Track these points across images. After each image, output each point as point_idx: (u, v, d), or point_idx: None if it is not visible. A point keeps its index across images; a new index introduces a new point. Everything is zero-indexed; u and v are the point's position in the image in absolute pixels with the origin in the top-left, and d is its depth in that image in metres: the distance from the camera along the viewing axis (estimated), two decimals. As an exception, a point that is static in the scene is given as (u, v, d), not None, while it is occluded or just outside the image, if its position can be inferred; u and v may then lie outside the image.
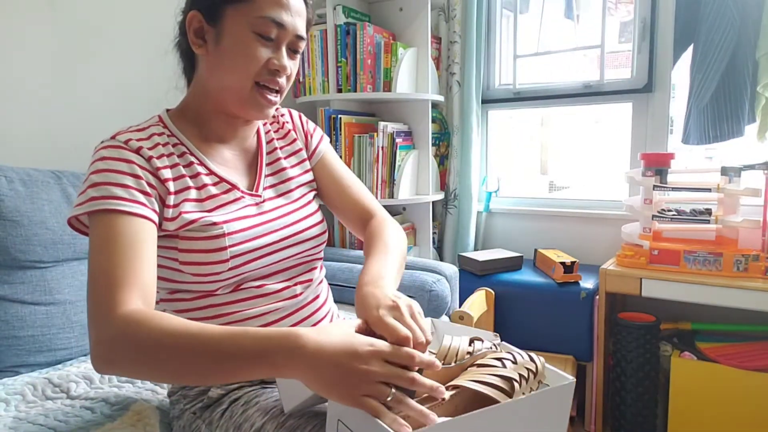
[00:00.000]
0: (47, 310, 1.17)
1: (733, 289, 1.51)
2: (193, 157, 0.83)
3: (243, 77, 0.80)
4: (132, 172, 0.74)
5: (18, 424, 0.90)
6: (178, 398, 0.88)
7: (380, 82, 2.00)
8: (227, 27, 0.79)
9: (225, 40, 0.79)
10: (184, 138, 0.84)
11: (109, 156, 0.75)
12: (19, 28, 1.34)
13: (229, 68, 0.80)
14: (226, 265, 0.78)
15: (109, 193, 0.71)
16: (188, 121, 0.86)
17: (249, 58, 0.79)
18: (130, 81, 1.59)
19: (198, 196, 0.80)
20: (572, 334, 1.80)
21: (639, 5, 1.95)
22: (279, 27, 0.79)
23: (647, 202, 1.71)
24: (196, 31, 0.81)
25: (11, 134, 1.35)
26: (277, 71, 0.81)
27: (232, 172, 0.87)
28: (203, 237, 0.77)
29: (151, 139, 0.80)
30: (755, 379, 1.54)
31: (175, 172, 0.79)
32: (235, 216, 0.82)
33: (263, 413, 0.77)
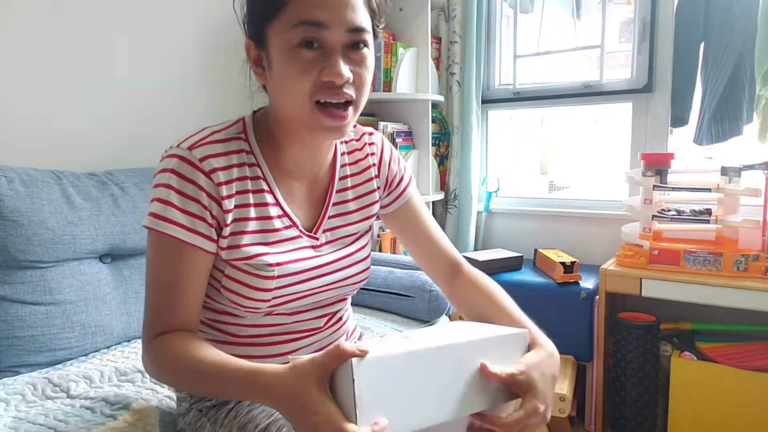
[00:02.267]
0: (47, 310, 1.17)
1: (733, 289, 1.51)
2: (265, 183, 0.78)
3: (299, 99, 0.70)
4: (199, 200, 0.71)
5: (18, 423, 0.90)
6: (185, 396, 0.88)
7: (380, 82, 2.00)
8: (272, 48, 0.71)
9: (274, 63, 0.71)
10: (262, 161, 0.78)
11: (181, 173, 0.70)
12: (20, 28, 1.35)
13: (285, 92, 0.71)
14: (266, 303, 0.76)
15: (171, 217, 0.70)
16: (267, 140, 0.79)
17: (297, 77, 0.69)
18: (130, 81, 1.59)
19: (258, 228, 0.76)
20: (572, 334, 1.79)
21: (639, 5, 1.95)
22: (320, 28, 0.68)
23: (647, 202, 1.70)
24: (255, 60, 0.75)
25: (11, 134, 1.35)
26: (332, 82, 0.69)
27: (297, 205, 0.81)
28: (252, 273, 0.75)
29: (228, 157, 0.74)
30: (755, 379, 1.54)
31: (239, 199, 0.74)
32: (289, 258, 0.78)
33: (267, 415, 0.77)
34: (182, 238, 0.70)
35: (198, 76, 1.76)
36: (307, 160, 0.81)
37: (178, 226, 0.70)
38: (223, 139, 0.75)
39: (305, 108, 0.70)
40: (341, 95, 0.70)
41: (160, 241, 0.72)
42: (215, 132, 0.75)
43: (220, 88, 1.82)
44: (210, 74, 1.79)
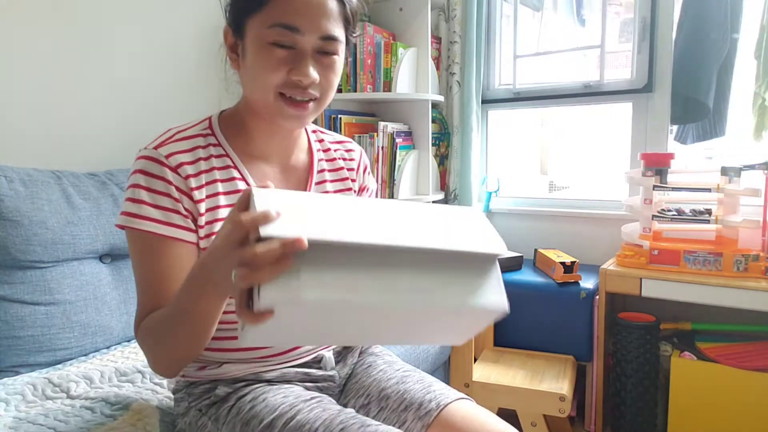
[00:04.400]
0: (47, 310, 1.17)
1: (733, 289, 1.51)
2: (236, 171, 0.81)
3: (264, 90, 0.75)
4: (169, 194, 0.74)
5: (18, 423, 0.90)
6: (183, 396, 0.88)
7: (380, 82, 2.00)
8: (248, 40, 0.75)
9: (248, 53, 0.75)
10: (230, 149, 0.81)
11: (149, 171, 0.74)
12: (20, 28, 1.34)
13: (254, 81, 0.76)
14: None
15: (145, 214, 0.73)
16: (236, 131, 0.83)
17: (268, 71, 0.73)
18: (131, 81, 1.59)
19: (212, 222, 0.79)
20: (572, 334, 1.80)
21: (639, 5, 1.95)
22: (295, 32, 0.72)
23: (647, 202, 1.70)
24: (231, 46, 0.79)
25: (11, 134, 1.35)
26: (299, 81, 0.74)
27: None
28: None
29: (194, 151, 0.78)
30: (755, 379, 1.54)
31: (210, 189, 0.78)
32: None
33: (271, 410, 0.77)
34: (159, 232, 0.73)
35: (198, 77, 1.76)
36: (274, 145, 0.85)
37: (153, 221, 0.73)
38: (188, 136, 0.79)
39: (269, 97, 0.75)
40: (306, 94, 0.76)
41: (139, 240, 0.74)
42: (181, 131, 0.80)
43: (219, 87, 1.82)
44: (210, 74, 1.79)
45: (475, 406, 0.83)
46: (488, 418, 0.80)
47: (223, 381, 0.84)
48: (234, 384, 0.84)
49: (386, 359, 0.98)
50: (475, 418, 0.79)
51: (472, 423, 0.78)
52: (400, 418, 0.83)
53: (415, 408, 0.82)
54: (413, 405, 0.83)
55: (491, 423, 0.78)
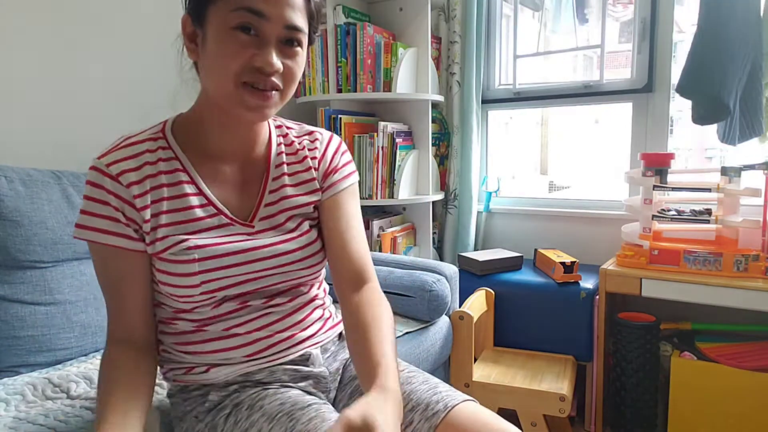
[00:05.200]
0: (47, 310, 1.17)
1: (733, 289, 1.51)
2: (185, 175, 0.80)
3: (225, 78, 0.72)
4: (108, 203, 0.75)
5: (18, 424, 0.90)
6: (177, 401, 0.87)
7: (380, 82, 2.00)
8: (210, 26, 0.73)
9: (208, 41, 0.73)
10: (180, 152, 0.80)
11: (93, 182, 0.76)
12: (20, 28, 1.34)
13: (214, 70, 0.74)
14: (197, 290, 0.78)
15: (90, 224, 0.75)
16: (191, 131, 0.82)
17: (229, 57, 0.71)
18: (131, 81, 1.59)
19: (179, 219, 0.78)
20: (572, 334, 1.80)
21: (639, 5, 1.95)
22: (259, 17, 0.71)
23: (647, 202, 1.71)
24: (190, 35, 0.77)
25: (11, 134, 1.35)
26: (261, 68, 0.72)
27: (227, 191, 0.83)
28: (174, 260, 0.77)
29: (140, 157, 0.77)
30: (755, 379, 1.54)
31: (154, 195, 0.77)
32: (212, 242, 0.79)
33: (269, 419, 0.76)
34: (102, 241, 0.75)
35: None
36: (232, 141, 0.82)
37: (96, 231, 0.75)
38: (135, 141, 0.79)
39: (229, 86, 0.73)
40: (268, 82, 0.74)
41: (92, 250, 0.77)
42: (129, 137, 0.80)
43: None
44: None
45: (480, 408, 0.82)
46: (493, 419, 0.79)
47: (214, 385, 0.84)
48: (227, 388, 0.83)
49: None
50: (482, 420, 0.78)
51: (478, 424, 0.78)
52: (407, 418, 0.82)
53: (422, 409, 0.81)
54: (420, 406, 0.82)
55: (496, 424, 0.78)
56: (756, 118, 1.74)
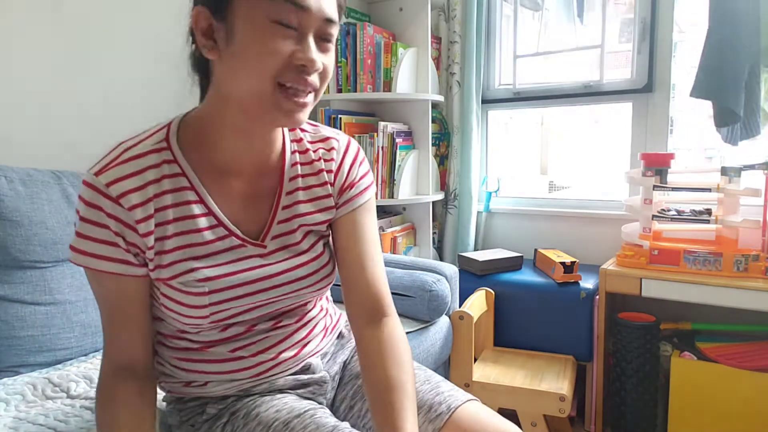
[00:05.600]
0: (47, 310, 1.17)
1: (733, 289, 1.51)
2: (192, 193, 0.72)
3: (263, 77, 0.64)
4: (108, 226, 0.67)
5: (18, 423, 0.90)
6: (173, 410, 0.85)
7: (380, 82, 2.00)
8: (239, 20, 0.63)
9: (237, 36, 0.64)
10: (186, 166, 0.72)
11: (90, 202, 0.67)
12: (20, 28, 1.34)
13: (246, 69, 0.64)
14: (206, 320, 0.74)
15: (85, 249, 0.68)
16: (199, 138, 0.73)
17: (268, 54, 0.63)
18: (131, 81, 1.59)
19: (185, 242, 0.72)
20: (572, 334, 1.80)
21: (639, 5, 1.95)
22: (300, 10, 0.63)
23: (647, 202, 1.70)
24: (205, 31, 0.66)
25: (11, 134, 1.35)
26: (303, 67, 0.65)
27: (237, 209, 0.75)
28: (183, 291, 0.71)
29: (143, 174, 0.69)
30: (755, 379, 1.54)
31: (160, 217, 0.70)
32: (224, 272, 0.73)
33: (265, 427, 0.75)
34: (101, 268, 0.69)
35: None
36: (245, 152, 0.74)
37: (94, 257, 0.68)
38: (137, 155, 0.70)
39: (266, 87, 0.65)
40: (308, 83, 0.66)
41: (88, 275, 0.71)
42: (129, 148, 0.70)
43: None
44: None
45: (482, 407, 0.81)
46: (496, 419, 0.79)
47: (212, 399, 0.82)
48: (224, 400, 0.82)
49: None
50: (483, 421, 0.78)
51: (479, 426, 0.77)
52: None
53: (425, 411, 0.80)
54: (423, 407, 0.80)
55: (499, 424, 0.78)
56: (753, 118, 1.74)
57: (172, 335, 0.79)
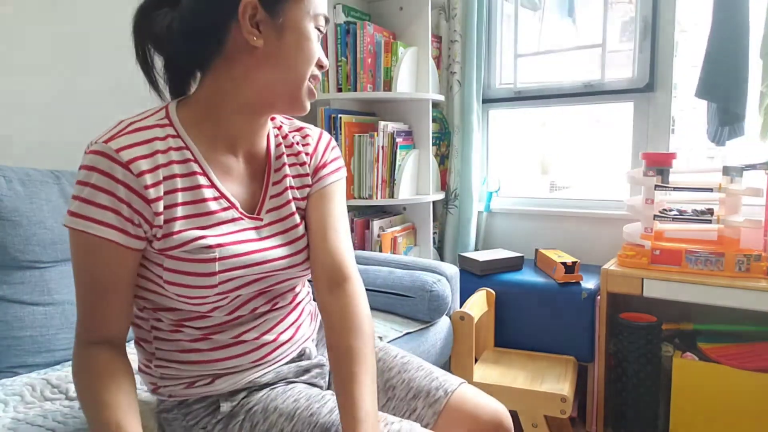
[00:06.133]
0: (46, 310, 1.17)
1: (734, 289, 1.50)
2: (197, 165, 0.75)
3: (303, 75, 0.77)
4: (114, 192, 0.68)
5: (16, 425, 0.90)
6: (176, 416, 0.84)
7: (380, 81, 2.00)
8: (291, 21, 0.74)
9: (288, 34, 0.74)
10: (190, 142, 0.76)
11: (97, 167, 0.68)
12: (19, 28, 1.34)
13: (292, 63, 0.75)
14: (213, 290, 0.74)
15: (86, 213, 0.68)
16: (199, 119, 0.77)
17: (311, 55, 0.77)
18: (130, 81, 1.59)
19: (192, 212, 0.74)
20: (573, 335, 1.79)
21: (640, 4, 1.95)
22: (326, 23, 0.80)
23: (649, 202, 1.70)
24: (252, 20, 0.73)
25: (10, 134, 1.34)
26: (322, 67, 0.81)
27: (236, 184, 0.80)
28: (192, 259, 0.72)
29: (150, 144, 0.71)
30: (757, 380, 1.53)
31: (168, 185, 0.72)
32: (230, 240, 0.76)
33: (288, 417, 0.76)
34: (98, 233, 0.68)
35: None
36: (244, 132, 0.81)
37: (93, 222, 0.68)
38: (144, 126, 0.73)
39: (302, 83, 0.78)
40: (318, 79, 0.82)
41: (78, 241, 0.70)
42: (135, 122, 0.74)
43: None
44: (210, 74, 1.79)
45: (474, 389, 0.91)
46: (486, 398, 0.90)
47: (221, 395, 0.82)
48: (235, 396, 0.82)
49: (380, 345, 0.99)
50: (477, 400, 0.88)
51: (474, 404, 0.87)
52: (410, 406, 0.87)
53: (423, 396, 0.87)
54: (421, 393, 0.88)
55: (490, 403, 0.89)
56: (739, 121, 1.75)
57: (171, 329, 0.79)
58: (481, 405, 0.88)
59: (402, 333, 1.45)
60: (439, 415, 0.85)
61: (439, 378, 0.90)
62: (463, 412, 0.86)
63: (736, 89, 1.68)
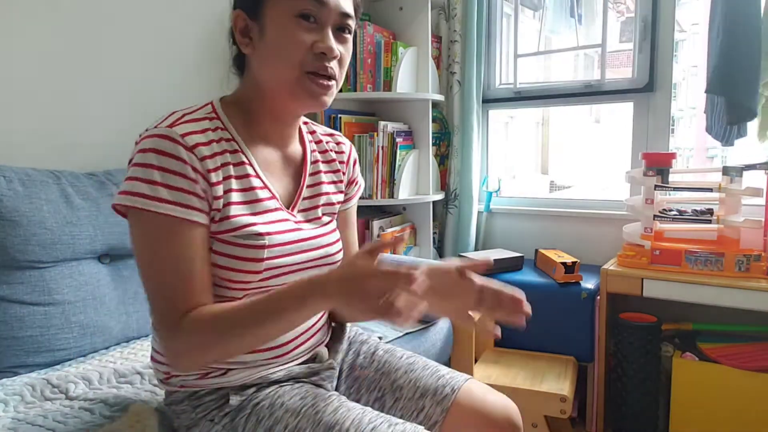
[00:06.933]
0: (46, 310, 1.16)
1: (734, 289, 1.50)
2: (244, 156, 0.80)
3: (290, 66, 0.76)
4: (186, 174, 0.71)
5: (17, 425, 0.90)
6: (185, 408, 0.84)
7: (380, 81, 2.00)
8: (269, 18, 0.76)
9: (268, 31, 0.77)
10: (236, 136, 0.80)
11: (165, 151, 0.70)
12: (19, 28, 1.34)
13: (276, 59, 0.77)
14: (258, 276, 0.78)
15: (161, 196, 0.70)
16: (239, 115, 0.83)
17: (293, 44, 0.75)
18: (130, 81, 1.59)
19: (244, 199, 0.78)
20: (573, 335, 1.79)
21: (640, 4, 1.95)
22: (319, 4, 0.76)
23: (648, 202, 1.70)
24: (242, 30, 0.79)
25: (10, 134, 1.34)
26: (323, 54, 0.77)
27: (274, 178, 0.84)
28: (242, 245, 0.76)
29: (205, 133, 0.75)
30: (757, 380, 1.53)
31: (224, 172, 0.76)
32: (277, 229, 0.80)
33: (294, 413, 0.77)
34: (176, 215, 0.70)
35: (198, 75, 1.76)
36: (277, 132, 0.85)
37: (169, 203, 0.70)
38: (196, 118, 0.77)
39: (294, 74, 0.77)
40: (327, 69, 0.78)
41: (152, 224, 0.70)
42: (187, 113, 0.77)
43: (220, 86, 1.81)
44: (210, 73, 1.79)
45: (480, 384, 0.92)
46: (493, 394, 0.91)
47: (232, 388, 0.82)
48: (244, 390, 0.82)
49: (385, 347, 1.00)
50: (484, 396, 0.90)
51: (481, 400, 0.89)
52: (418, 405, 0.89)
53: (431, 394, 0.89)
54: (428, 392, 0.89)
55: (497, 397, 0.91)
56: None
57: None
58: (490, 401, 0.89)
59: (402, 333, 1.45)
60: (448, 411, 0.87)
61: (446, 376, 0.92)
62: (472, 408, 0.87)
63: (749, 84, 1.67)
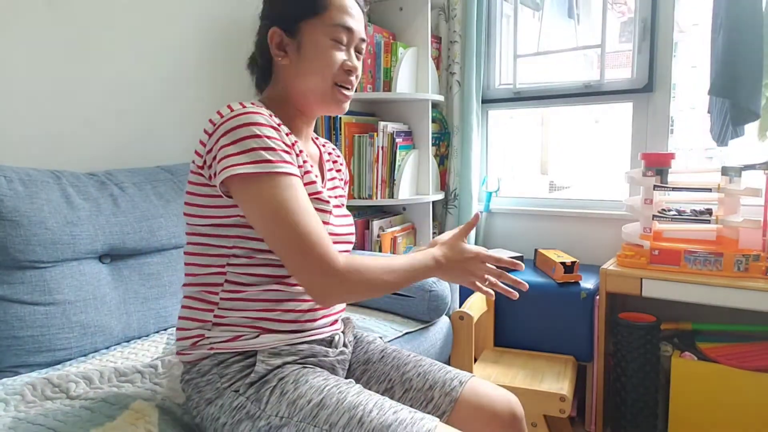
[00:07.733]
0: (46, 310, 1.17)
1: (733, 289, 1.51)
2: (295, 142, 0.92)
3: (325, 79, 0.91)
4: (285, 142, 0.85)
5: (17, 424, 0.90)
6: (211, 377, 0.86)
7: (380, 81, 2.00)
8: (306, 38, 0.91)
9: (306, 49, 0.91)
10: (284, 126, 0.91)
11: (265, 123, 0.83)
12: (19, 28, 1.34)
13: (312, 72, 0.91)
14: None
15: (280, 158, 0.81)
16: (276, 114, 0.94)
17: (328, 62, 0.91)
18: (130, 80, 1.59)
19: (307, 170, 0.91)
20: (572, 335, 1.79)
21: (639, 5, 1.95)
22: (348, 32, 0.92)
23: (648, 202, 1.70)
24: (278, 44, 0.93)
25: (11, 134, 1.35)
26: (350, 71, 0.93)
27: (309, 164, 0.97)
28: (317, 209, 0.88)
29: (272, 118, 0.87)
30: (756, 380, 1.53)
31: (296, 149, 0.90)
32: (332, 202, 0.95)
33: (318, 390, 0.81)
34: (296, 173, 0.84)
35: (197, 75, 1.76)
36: (303, 131, 1.00)
37: (288, 164, 0.82)
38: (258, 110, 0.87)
39: (327, 85, 0.92)
40: (351, 83, 0.95)
41: (282, 183, 0.81)
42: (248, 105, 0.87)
43: (219, 86, 1.82)
44: (209, 73, 1.79)
45: (485, 382, 0.99)
46: (498, 390, 0.98)
47: (260, 351, 0.87)
48: (272, 361, 0.86)
49: (392, 347, 1.06)
50: (490, 391, 0.96)
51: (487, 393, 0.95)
52: (427, 396, 0.94)
53: (439, 386, 0.95)
54: (437, 383, 0.95)
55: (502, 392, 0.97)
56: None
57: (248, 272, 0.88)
58: (495, 395, 0.95)
59: (402, 333, 1.45)
60: (456, 402, 0.93)
61: (452, 371, 0.99)
62: (478, 402, 0.94)
63: (752, 86, 1.67)
